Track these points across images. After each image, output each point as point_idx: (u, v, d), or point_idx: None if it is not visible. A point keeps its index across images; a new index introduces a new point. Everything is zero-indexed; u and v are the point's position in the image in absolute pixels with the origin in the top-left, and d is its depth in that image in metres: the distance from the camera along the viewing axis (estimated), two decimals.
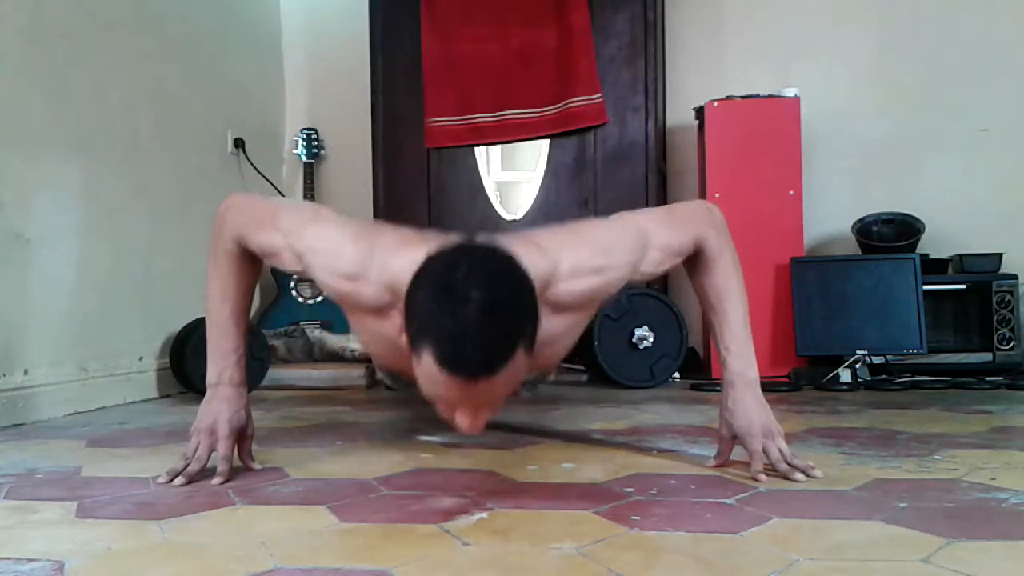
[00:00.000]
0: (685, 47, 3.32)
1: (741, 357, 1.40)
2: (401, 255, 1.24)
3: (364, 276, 1.29)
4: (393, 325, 1.25)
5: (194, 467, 1.37)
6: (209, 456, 1.39)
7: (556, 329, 1.34)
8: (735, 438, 1.40)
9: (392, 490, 1.30)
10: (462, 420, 1.14)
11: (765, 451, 1.35)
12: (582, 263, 1.33)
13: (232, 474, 1.39)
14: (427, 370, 1.09)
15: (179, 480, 1.35)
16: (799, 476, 1.31)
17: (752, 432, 1.37)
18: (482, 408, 1.14)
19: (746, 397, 1.39)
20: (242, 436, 1.44)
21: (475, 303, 1.04)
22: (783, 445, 1.36)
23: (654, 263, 1.41)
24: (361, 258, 1.30)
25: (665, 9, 3.20)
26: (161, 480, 1.37)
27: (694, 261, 1.45)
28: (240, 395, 1.44)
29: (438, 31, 3.12)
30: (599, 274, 1.35)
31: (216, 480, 1.35)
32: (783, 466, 1.33)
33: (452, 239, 1.22)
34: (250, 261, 1.45)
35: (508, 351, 1.07)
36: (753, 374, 1.40)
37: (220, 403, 1.41)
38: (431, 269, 1.11)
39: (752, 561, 0.92)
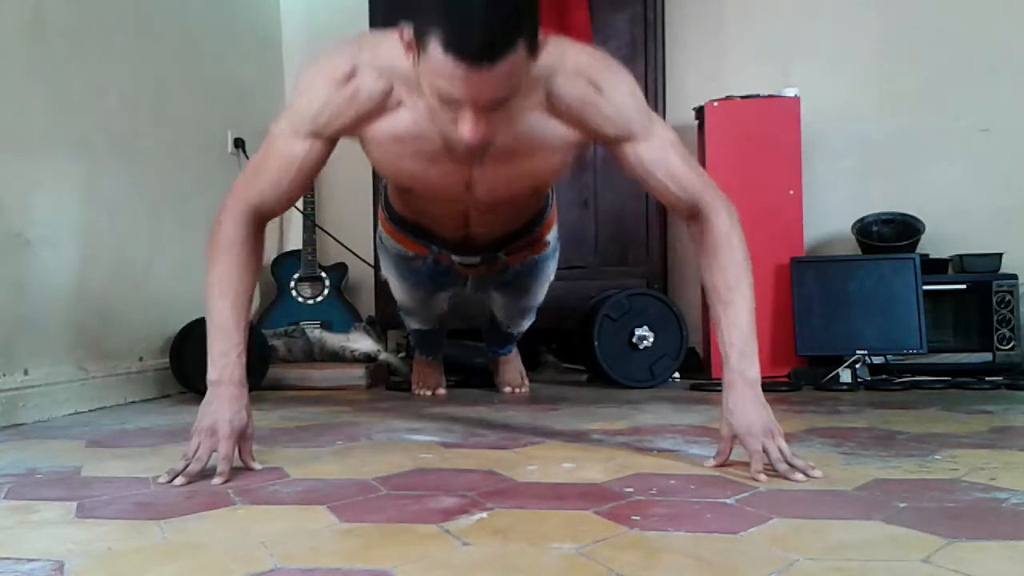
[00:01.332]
0: (685, 47, 3.32)
1: (744, 355, 1.39)
2: (389, 40, 1.34)
3: (359, 68, 1.40)
4: (395, 121, 1.41)
5: (195, 467, 1.37)
6: (210, 456, 1.39)
7: (546, 134, 1.43)
8: (735, 438, 1.39)
9: (392, 490, 1.30)
10: (465, 124, 1.23)
11: (765, 451, 1.35)
12: (586, 68, 1.40)
13: (232, 474, 1.39)
14: (433, 64, 1.18)
15: (179, 480, 1.35)
16: (799, 476, 1.31)
17: (752, 432, 1.36)
18: (485, 107, 1.22)
19: (746, 396, 1.38)
20: (243, 436, 1.44)
21: None
22: (783, 445, 1.36)
23: (649, 154, 1.43)
24: (351, 53, 1.42)
25: (665, 9, 3.20)
26: (161, 480, 1.37)
27: (702, 240, 1.44)
28: (241, 394, 1.43)
29: None
30: (597, 91, 1.40)
31: (216, 480, 1.35)
32: (783, 466, 1.32)
33: None
34: (251, 252, 1.45)
35: (511, 38, 1.16)
36: (754, 373, 1.40)
37: (221, 402, 1.41)
38: None
39: (752, 561, 0.92)
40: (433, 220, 1.92)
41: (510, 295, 2.31)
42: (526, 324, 2.53)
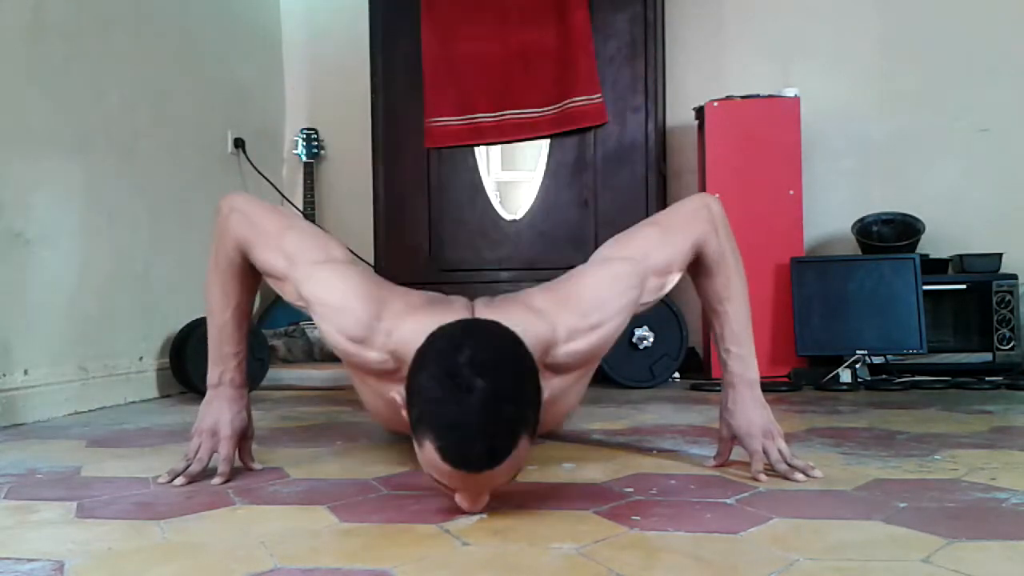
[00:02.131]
0: (685, 47, 3.32)
1: (741, 359, 1.40)
2: (408, 323, 1.23)
3: (369, 340, 1.26)
4: (394, 389, 1.22)
5: (196, 468, 1.37)
6: (211, 457, 1.40)
7: (558, 390, 1.33)
8: (735, 438, 1.40)
9: (392, 490, 1.30)
10: (463, 502, 1.12)
11: (765, 451, 1.35)
12: (579, 324, 1.31)
13: (232, 474, 1.39)
14: (429, 458, 1.07)
15: (180, 480, 1.35)
16: (799, 476, 1.31)
17: (752, 432, 1.37)
18: (484, 493, 1.13)
19: (746, 397, 1.39)
20: (243, 437, 1.44)
21: (478, 394, 1.01)
22: (783, 445, 1.36)
23: (655, 290, 1.38)
24: (368, 320, 1.26)
25: (665, 9, 3.20)
26: (162, 480, 1.37)
27: (695, 263, 1.43)
28: (241, 396, 1.44)
29: (438, 31, 3.12)
30: (598, 329, 1.32)
31: (217, 480, 1.36)
32: (783, 466, 1.33)
33: (456, 308, 1.24)
34: (252, 265, 1.44)
35: (511, 443, 1.05)
36: (753, 375, 1.40)
37: (222, 403, 1.42)
38: (435, 349, 1.08)
39: (752, 561, 0.92)
40: None
41: None
42: None
